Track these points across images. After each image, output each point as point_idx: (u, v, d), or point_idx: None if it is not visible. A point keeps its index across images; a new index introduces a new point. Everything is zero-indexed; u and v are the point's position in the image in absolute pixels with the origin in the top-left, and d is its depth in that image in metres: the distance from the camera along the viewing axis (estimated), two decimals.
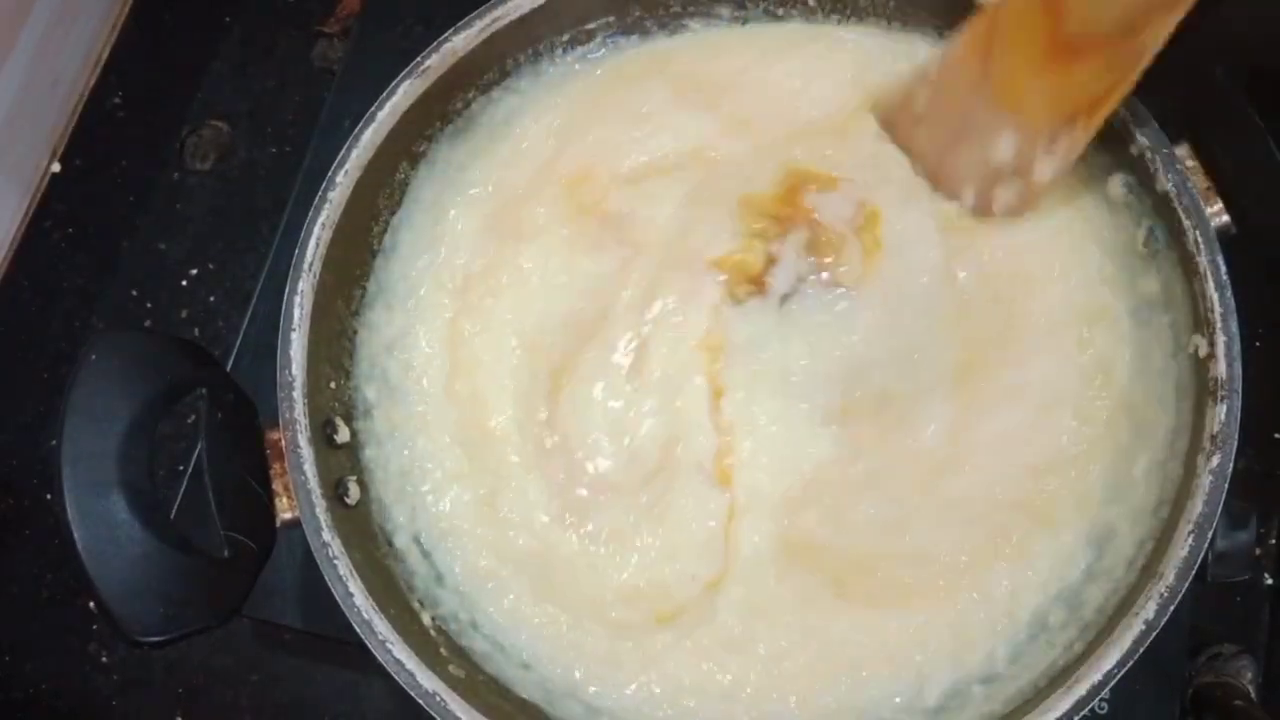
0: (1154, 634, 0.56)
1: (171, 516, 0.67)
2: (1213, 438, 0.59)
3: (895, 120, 0.69)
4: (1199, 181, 0.63)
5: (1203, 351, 0.61)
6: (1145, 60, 0.48)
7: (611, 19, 0.74)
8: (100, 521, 0.53)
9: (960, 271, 0.68)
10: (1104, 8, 0.48)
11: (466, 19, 0.69)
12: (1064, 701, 0.56)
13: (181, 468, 0.79)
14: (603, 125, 0.74)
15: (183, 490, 0.78)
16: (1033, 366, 0.66)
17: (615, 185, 0.73)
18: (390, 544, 0.66)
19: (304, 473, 0.60)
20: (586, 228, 0.72)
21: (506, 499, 0.68)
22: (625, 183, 0.73)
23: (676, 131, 0.74)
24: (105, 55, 0.97)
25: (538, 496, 0.68)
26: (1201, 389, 0.61)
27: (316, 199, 0.65)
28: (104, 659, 0.81)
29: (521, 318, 0.71)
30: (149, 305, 0.89)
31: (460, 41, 0.69)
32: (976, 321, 0.68)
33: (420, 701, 0.57)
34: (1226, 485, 0.58)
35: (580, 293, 0.71)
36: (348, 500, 0.64)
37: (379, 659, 0.58)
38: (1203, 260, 0.61)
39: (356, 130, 0.67)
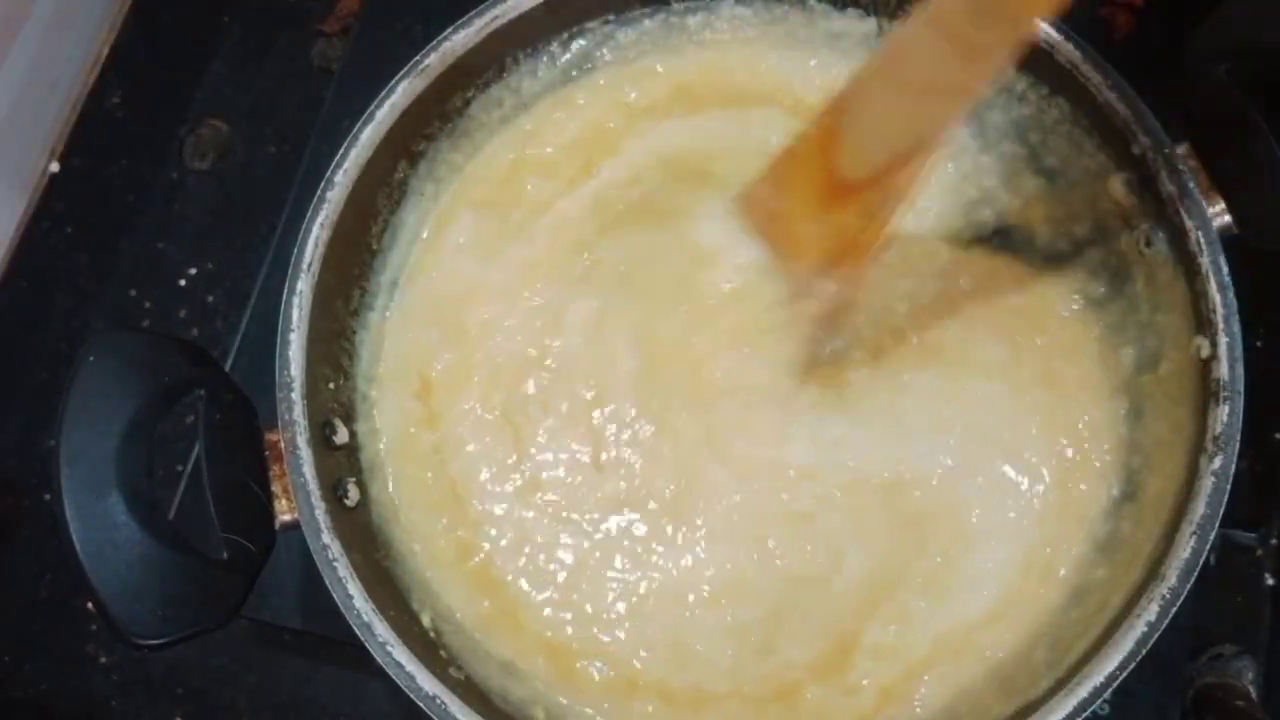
0: (1156, 635, 0.56)
1: (170, 517, 0.67)
2: (1215, 439, 0.59)
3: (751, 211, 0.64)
4: (1200, 182, 0.63)
5: (1205, 353, 0.61)
6: (900, 201, 0.50)
7: (611, 17, 0.74)
8: (99, 522, 0.53)
9: None
10: (871, 146, 0.50)
11: (466, 18, 0.69)
12: (1066, 703, 0.56)
13: (180, 468, 0.79)
14: None
15: (181, 491, 0.77)
16: None
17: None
18: (390, 545, 0.66)
19: (303, 474, 0.60)
20: None
21: None
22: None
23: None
24: (105, 55, 0.97)
25: None
26: (1204, 390, 0.60)
27: (315, 198, 0.65)
28: (103, 659, 0.81)
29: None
30: (148, 305, 0.89)
31: (460, 40, 0.69)
32: None
33: (420, 704, 0.57)
34: (1229, 486, 0.58)
35: None
36: (347, 502, 0.64)
37: (379, 661, 0.57)
38: (1204, 261, 0.61)
39: (355, 129, 0.66)
